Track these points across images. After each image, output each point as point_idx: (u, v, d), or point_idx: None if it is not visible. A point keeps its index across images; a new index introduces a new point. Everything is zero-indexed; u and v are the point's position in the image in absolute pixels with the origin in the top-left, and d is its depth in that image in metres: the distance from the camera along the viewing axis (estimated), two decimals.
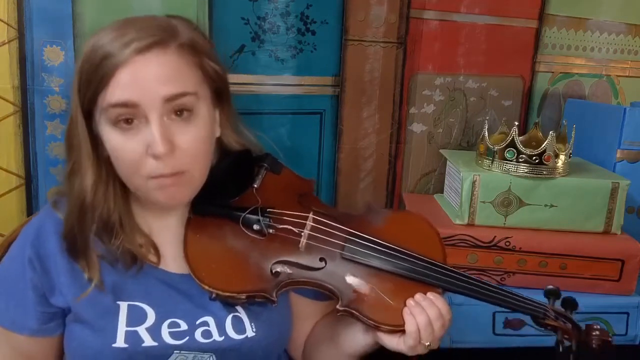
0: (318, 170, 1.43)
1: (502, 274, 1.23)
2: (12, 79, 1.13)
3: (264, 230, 0.82)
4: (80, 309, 0.79)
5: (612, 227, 1.23)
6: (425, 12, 1.42)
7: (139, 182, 0.77)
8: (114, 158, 0.77)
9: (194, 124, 0.77)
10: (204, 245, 0.82)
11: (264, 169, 0.89)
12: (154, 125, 0.73)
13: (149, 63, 0.74)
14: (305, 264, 0.82)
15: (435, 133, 1.51)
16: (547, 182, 1.21)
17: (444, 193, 1.43)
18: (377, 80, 1.41)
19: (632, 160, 1.36)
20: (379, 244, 0.84)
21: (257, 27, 1.29)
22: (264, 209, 0.84)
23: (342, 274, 0.82)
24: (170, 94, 0.74)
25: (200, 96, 0.78)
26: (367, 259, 0.83)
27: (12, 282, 0.81)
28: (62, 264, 0.80)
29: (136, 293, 0.81)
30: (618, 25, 1.63)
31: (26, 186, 1.18)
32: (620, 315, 1.21)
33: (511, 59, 1.52)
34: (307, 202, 0.89)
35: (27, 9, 1.12)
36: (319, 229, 0.84)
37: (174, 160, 0.74)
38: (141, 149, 0.74)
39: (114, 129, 0.75)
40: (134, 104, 0.73)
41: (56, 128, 1.18)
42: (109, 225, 0.80)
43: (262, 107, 1.33)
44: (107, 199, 0.80)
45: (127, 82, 0.73)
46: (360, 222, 0.88)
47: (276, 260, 0.81)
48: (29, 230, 0.83)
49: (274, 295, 0.79)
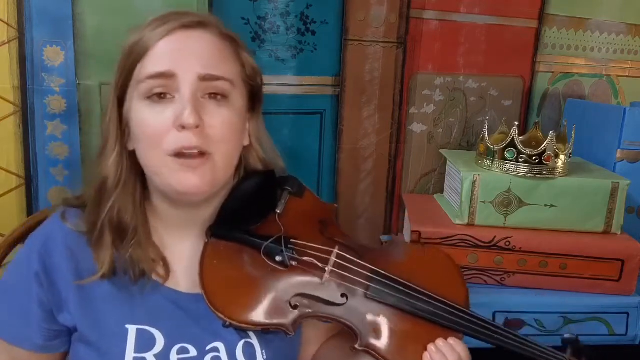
0: (318, 170, 1.43)
1: (502, 274, 1.23)
2: (12, 79, 1.13)
3: (286, 262, 0.78)
4: (87, 329, 0.76)
5: (612, 227, 1.23)
6: (425, 12, 1.42)
7: (158, 160, 0.73)
8: (139, 135, 0.74)
9: (226, 108, 0.75)
10: (221, 272, 0.78)
11: (288, 192, 0.85)
12: (186, 96, 0.71)
13: (191, 38, 0.74)
14: (326, 299, 0.78)
15: (435, 133, 1.51)
16: (547, 182, 1.21)
17: (444, 193, 1.43)
18: (377, 80, 1.41)
19: (632, 160, 1.37)
20: (404, 285, 0.81)
21: (257, 27, 1.29)
22: (287, 239, 0.80)
23: (364, 312, 0.79)
24: (207, 74, 0.73)
25: (236, 86, 0.77)
26: (390, 300, 0.80)
27: (16, 294, 0.78)
28: (70, 279, 0.76)
29: (145, 316, 0.77)
30: (618, 25, 1.63)
31: (26, 186, 1.18)
32: (620, 315, 1.21)
33: (511, 59, 1.53)
34: (329, 232, 0.86)
35: (27, 9, 1.11)
36: (343, 265, 0.81)
37: (201, 137, 0.72)
38: (169, 121, 0.71)
39: (144, 102, 0.73)
40: (171, 74, 0.71)
41: (56, 128, 1.18)
42: (123, 227, 0.77)
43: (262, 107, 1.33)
44: (126, 195, 0.78)
45: (165, 52, 0.72)
46: (383, 257, 0.85)
47: (296, 293, 0.78)
48: (35, 241, 0.79)
49: (291, 329, 0.76)
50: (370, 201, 1.49)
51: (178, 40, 0.73)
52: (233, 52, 0.78)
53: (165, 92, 0.73)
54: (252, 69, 0.81)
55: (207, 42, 0.75)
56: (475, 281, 1.23)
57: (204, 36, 0.75)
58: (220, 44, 0.76)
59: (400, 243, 0.91)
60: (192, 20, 0.75)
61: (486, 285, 1.23)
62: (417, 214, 1.32)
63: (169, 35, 0.73)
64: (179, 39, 0.73)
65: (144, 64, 0.73)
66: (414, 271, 0.84)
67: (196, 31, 0.75)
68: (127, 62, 0.74)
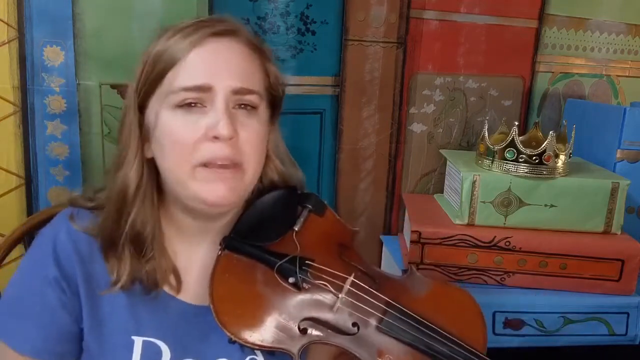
0: (318, 170, 1.43)
1: (502, 274, 1.23)
2: (12, 79, 1.13)
3: (299, 284, 0.76)
4: (93, 339, 0.75)
5: (612, 227, 1.23)
6: (425, 12, 1.42)
7: (185, 170, 0.72)
8: (166, 144, 0.72)
9: (255, 119, 0.75)
10: (231, 287, 0.75)
11: (308, 210, 0.83)
12: (220, 108, 0.71)
13: (224, 48, 0.73)
14: (336, 326, 0.76)
15: (435, 133, 1.51)
16: (547, 182, 1.21)
17: (444, 193, 1.43)
18: (377, 80, 1.41)
19: (632, 160, 1.37)
20: (420, 321, 0.78)
21: (257, 27, 1.29)
22: (302, 260, 0.77)
23: (373, 345, 0.76)
24: (241, 87, 0.73)
25: (263, 98, 0.77)
26: (404, 335, 0.77)
27: (30, 305, 0.74)
28: (82, 286, 0.75)
29: (152, 327, 0.76)
30: (618, 25, 1.63)
31: (26, 186, 1.18)
32: (620, 315, 1.21)
33: (511, 59, 1.53)
34: (347, 257, 0.83)
35: (27, 9, 1.11)
36: (358, 294, 0.78)
37: (233, 149, 0.71)
38: (201, 132, 0.71)
39: (175, 112, 0.72)
40: (208, 87, 0.71)
41: (56, 128, 1.18)
42: (141, 238, 0.75)
43: None
44: (146, 205, 0.75)
45: (199, 64, 0.71)
46: (400, 289, 0.82)
47: (306, 317, 0.75)
48: (45, 246, 0.76)
49: (297, 355, 0.73)
50: (370, 201, 1.49)
51: (211, 50, 0.72)
52: (260, 63, 0.78)
53: (197, 103, 0.72)
54: (276, 78, 0.81)
55: (239, 53, 0.74)
56: (475, 281, 1.23)
57: (236, 46, 0.74)
58: (250, 54, 0.76)
59: (419, 276, 0.88)
60: (224, 28, 0.74)
61: (486, 285, 1.23)
62: (417, 214, 1.32)
63: (201, 45, 0.72)
64: (211, 49, 0.72)
65: (175, 75, 0.71)
66: (432, 308, 0.80)
67: (227, 40, 0.74)
68: (154, 71, 0.72)
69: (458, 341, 0.78)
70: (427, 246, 1.21)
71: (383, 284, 0.81)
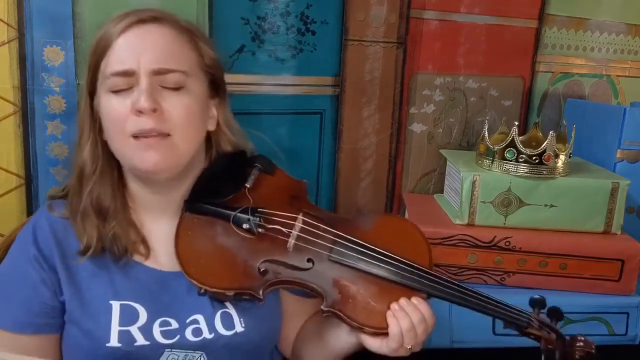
0: (318, 170, 1.43)
1: (502, 274, 1.23)
2: (12, 79, 1.13)
3: (253, 229, 0.83)
4: (75, 308, 0.80)
5: (612, 227, 1.23)
6: (425, 12, 1.42)
7: (122, 143, 0.79)
8: (106, 123, 0.81)
9: (184, 94, 0.81)
10: (194, 242, 0.83)
11: (257, 169, 0.90)
12: (142, 84, 0.77)
13: (147, 33, 0.80)
14: (292, 264, 0.83)
15: (435, 133, 1.51)
16: (547, 182, 1.21)
17: (444, 193, 1.43)
18: (377, 80, 1.41)
19: (632, 160, 1.37)
20: (366, 247, 0.85)
21: (257, 27, 1.29)
22: (254, 208, 0.85)
23: (329, 276, 0.83)
24: (160, 67, 0.78)
25: (191, 75, 0.82)
26: (354, 262, 0.83)
27: (14, 283, 0.82)
28: (59, 263, 0.81)
29: (128, 292, 0.82)
30: (618, 25, 1.63)
31: (26, 186, 1.18)
32: (620, 315, 1.21)
33: (511, 59, 1.53)
34: (298, 204, 0.90)
35: (27, 9, 1.11)
36: (308, 230, 0.85)
37: (158, 120, 0.78)
38: (128, 107, 0.78)
39: (110, 95, 0.79)
40: (132, 72, 0.78)
41: (56, 128, 1.18)
42: (103, 209, 0.83)
43: (261, 107, 1.33)
44: (103, 180, 0.84)
45: (124, 49, 0.78)
46: (349, 225, 0.88)
47: (264, 259, 0.82)
48: (26, 232, 0.85)
49: (260, 293, 0.80)
50: (370, 201, 1.49)
51: (134, 35, 0.79)
52: (189, 43, 0.83)
53: (127, 87, 0.79)
54: (211, 59, 0.86)
55: (161, 35, 0.81)
56: (475, 281, 1.23)
57: (159, 30, 0.81)
58: (176, 36, 0.82)
59: (366, 213, 0.95)
60: (149, 15, 0.81)
61: (486, 285, 1.23)
62: (417, 214, 1.32)
63: (126, 31, 0.79)
64: (135, 34, 0.79)
65: (107, 61, 0.79)
66: (379, 237, 0.87)
67: (152, 25, 0.80)
68: (93, 59, 0.81)
69: (402, 259, 0.84)
70: None
71: (332, 222, 0.87)
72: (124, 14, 0.81)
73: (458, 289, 0.85)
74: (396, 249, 0.86)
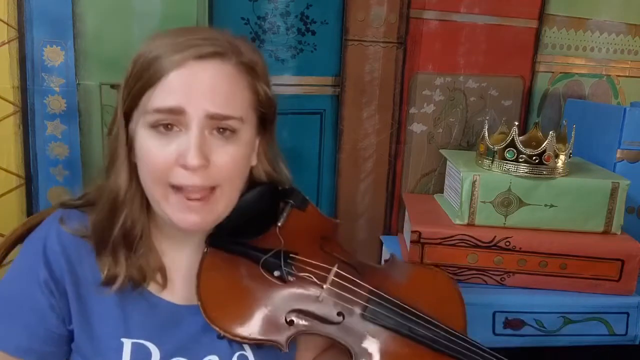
0: (318, 170, 1.43)
1: (502, 274, 1.23)
2: (12, 79, 1.13)
3: (284, 277, 0.78)
4: (83, 341, 0.76)
5: (612, 227, 1.23)
6: (425, 12, 1.42)
7: (160, 193, 0.73)
8: (142, 162, 0.74)
9: (234, 144, 0.74)
10: (218, 283, 0.78)
11: (290, 205, 0.84)
12: (192, 134, 0.70)
13: (205, 71, 0.71)
14: (322, 316, 0.78)
15: (435, 133, 1.51)
16: (547, 182, 1.21)
17: (444, 193, 1.43)
18: (377, 80, 1.41)
19: (632, 160, 1.37)
20: (403, 307, 0.80)
21: (257, 27, 1.29)
22: (286, 253, 0.80)
23: (359, 333, 0.78)
24: (216, 113, 0.71)
25: (245, 121, 0.75)
26: (388, 322, 0.79)
27: (19, 304, 0.76)
28: (71, 289, 0.76)
29: (141, 329, 0.77)
30: (618, 25, 1.63)
31: (26, 186, 1.18)
32: (620, 315, 1.21)
33: (511, 59, 1.52)
34: (330, 248, 0.85)
35: (27, 9, 1.11)
36: (342, 284, 0.80)
37: (205, 177, 0.72)
38: (173, 156, 0.71)
39: (150, 132, 0.72)
40: (180, 110, 0.70)
41: (56, 128, 1.18)
42: (131, 237, 0.77)
43: None
44: (135, 207, 0.77)
45: (176, 86, 0.70)
46: (383, 277, 0.85)
47: (292, 309, 0.77)
48: (35, 248, 0.77)
49: (285, 346, 0.75)
50: (371, 201, 1.49)
51: (191, 74, 0.71)
52: (248, 83, 0.76)
53: (173, 125, 0.72)
54: (267, 98, 0.79)
55: (220, 76, 0.72)
56: (475, 281, 1.23)
57: (219, 68, 0.72)
58: (235, 76, 0.74)
59: (400, 263, 0.91)
60: (209, 50, 0.72)
61: (486, 285, 1.23)
62: (417, 214, 1.32)
63: (182, 67, 0.70)
64: (192, 72, 0.71)
65: (153, 94, 0.71)
66: (413, 293, 0.83)
67: (211, 62, 0.72)
68: (136, 86, 0.72)
69: (439, 323, 0.81)
70: (427, 246, 1.21)
71: (365, 272, 0.83)
72: (181, 41, 0.72)
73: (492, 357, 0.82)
74: (431, 306, 0.82)
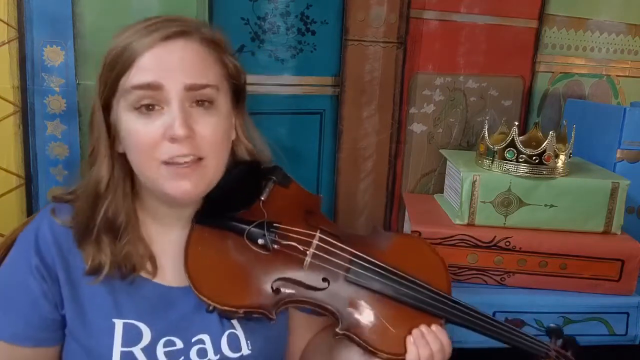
0: (318, 170, 1.43)
1: (502, 274, 1.23)
2: (12, 79, 1.13)
3: (268, 245, 0.80)
4: (76, 325, 0.78)
5: (612, 227, 1.23)
6: (425, 12, 1.42)
7: (152, 169, 0.76)
8: (130, 144, 0.76)
9: (214, 114, 0.77)
10: (205, 256, 0.79)
11: (272, 182, 0.86)
12: (174, 107, 0.73)
13: (174, 49, 0.75)
14: (307, 283, 0.80)
15: (435, 133, 1.51)
16: (547, 182, 1.21)
17: (444, 193, 1.43)
18: (377, 80, 1.41)
19: (632, 160, 1.37)
20: (385, 269, 0.82)
21: (257, 27, 1.29)
22: (269, 223, 0.82)
23: (345, 297, 0.80)
24: (193, 83, 0.75)
25: (221, 90, 0.79)
26: (372, 283, 0.81)
27: (13, 293, 0.78)
28: (62, 276, 0.78)
29: (132, 310, 0.79)
30: (618, 25, 1.63)
31: (26, 186, 1.18)
32: (620, 315, 1.21)
33: (511, 59, 1.53)
34: (313, 220, 0.87)
35: (27, 9, 1.11)
36: (325, 248, 0.82)
37: (192, 146, 0.75)
38: (160, 132, 0.74)
39: (133, 113, 0.75)
40: (157, 85, 0.73)
41: (56, 128, 1.18)
42: (116, 226, 0.79)
43: (261, 107, 1.32)
44: (117, 196, 0.80)
45: (150, 65, 0.74)
46: (366, 244, 0.86)
47: (278, 277, 0.79)
48: (27, 238, 0.80)
49: (273, 313, 0.77)
50: (370, 201, 1.49)
51: (161, 54, 0.75)
52: (216, 56, 0.80)
53: (154, 104, 0.75)
54: (235, 68, 0.84)
55: (190, 52, 0.76)
56: (475, 281, 1.23)
57: (187, 45, 0.76)
58: (203, 51, 0.78)
59: (383, 232, 0.92)
60: (173, 30, 0.76)
61: (486, 285, 1.23)
62: (417, 213, 1.32)
63: (152, 48, 0.74)
64: (161, 52, 0.75)
65: (129, 75, 0.74)
66: (396, 257, 0.85)
67: (178, 41, 0.76)
68: (112, 75, 0.76)
69: (422, 283, 0.82)
70: None
71: (348, 240, 0.85)
72: (147, 27, 0.76)
73: (478, 317, 0.83)
74: (414, 270, 0.83)
